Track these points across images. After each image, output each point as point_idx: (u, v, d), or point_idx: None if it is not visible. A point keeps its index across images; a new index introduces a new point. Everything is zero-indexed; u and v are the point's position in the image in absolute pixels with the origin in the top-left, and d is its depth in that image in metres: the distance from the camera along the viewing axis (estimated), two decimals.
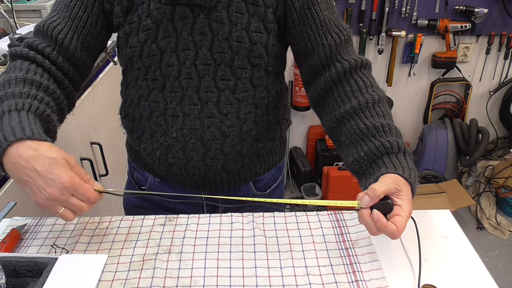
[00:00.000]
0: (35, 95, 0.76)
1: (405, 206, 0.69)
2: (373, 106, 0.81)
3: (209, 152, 0.91)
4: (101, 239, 0.84)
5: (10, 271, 0.75)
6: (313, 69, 0.89)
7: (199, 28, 0.82)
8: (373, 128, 0.78)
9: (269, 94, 0.94)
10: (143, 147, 0.98)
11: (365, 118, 0.80)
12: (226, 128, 0.90)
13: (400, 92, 2.69)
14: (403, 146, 0.76)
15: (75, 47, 0.86)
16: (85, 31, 0.87)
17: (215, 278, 0.74)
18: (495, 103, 2.75)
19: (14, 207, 0.95)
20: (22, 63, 0.82)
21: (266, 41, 0.86)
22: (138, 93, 0.92)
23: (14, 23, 1.67)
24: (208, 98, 0.88)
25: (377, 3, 2.39)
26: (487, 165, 2.69)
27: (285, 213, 0.90)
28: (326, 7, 0.86)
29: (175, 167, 0.95)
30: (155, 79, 0.88)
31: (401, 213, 0.68)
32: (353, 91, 0.83)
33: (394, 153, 0.75)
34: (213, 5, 0.81)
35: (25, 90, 0.75)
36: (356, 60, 0.85)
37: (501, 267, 2.24)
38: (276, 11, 0.85)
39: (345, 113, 0.82)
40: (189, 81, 0.86)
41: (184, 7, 0.81)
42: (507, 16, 2.42)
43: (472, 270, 0.77)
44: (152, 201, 1.06)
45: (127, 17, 0.86)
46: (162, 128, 0.92)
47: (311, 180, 2.72)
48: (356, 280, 0.73)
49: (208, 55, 0.84)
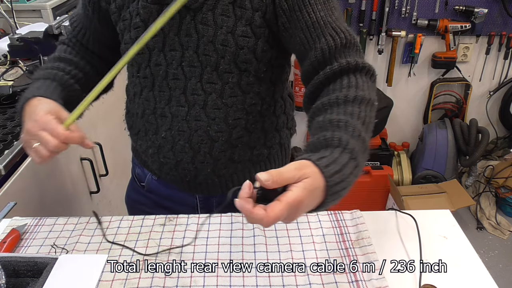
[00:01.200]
0: (64, 68, 0.92)
1: (294, 192, 0.55)
2: (344, 104, 0.73)
3: (198, 155, 0.91)
4: (101, 239, 0.84)
5: (10, 271, 0.75)
6: (306, 73, 0.83)
7: (185, 29, 0.82)
8: (328, 122, 0.70)
9: (263, 101, 0.91)
10: (139, 144, 0.99)
11: (330, 113, 0.72)
12: (214, 133, 0.88)
13: (400, 92, 2.69)
14: (346, 142, 0.65)
15: (89, 42, 0.98)
16: (92, 28, 0.95)
17: (215, 278, 0.74)
18: (495, 103, 2.75)
19: (14, 207, 0.95)
20: (61, 46, 1.00)
21: (254, 46, 0.82)
22: (134, 89, 0.94)
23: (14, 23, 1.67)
24: (195, 101, 0.87)
25: (377, 3, 2.38)
26: (487, 165, 2.69)
27: None
28: (324, 8, 0.79)
29: (166, 166, 0.95)
30: (145, 77, 0.89)
31: (281, 198, 0.55)
32: (334, 89, 0.76)
33: (332, 146, 0.65)
34: (199, 7, 0.80)
35: (56, 64, 0.93)
36: (350, 63, 0.76)
37: (501, 267, 2.24)
38: (266, 15, 0.81)
39: (316, 109, 0.76)
40: (176, 82, 0.86)
41: None
42: (507, 16, 2.42)
43: (472, 270, 0.77)
44: (151, 199, 1.06)
45: (121, 14, 0.87)
46: (153, 127, 0.92)
47: None
48: (356, 280, 0.73)
49: (194, 57, 0.83)
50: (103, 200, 1.60)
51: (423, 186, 2.48)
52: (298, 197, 0.55)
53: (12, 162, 1.11)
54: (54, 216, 0.91)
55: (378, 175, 2.44)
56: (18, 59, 1.53)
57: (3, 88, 1.30)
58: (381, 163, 2.53)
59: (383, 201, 2.50)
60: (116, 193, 1.73)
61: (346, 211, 0.89)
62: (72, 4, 2.09)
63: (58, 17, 1.55)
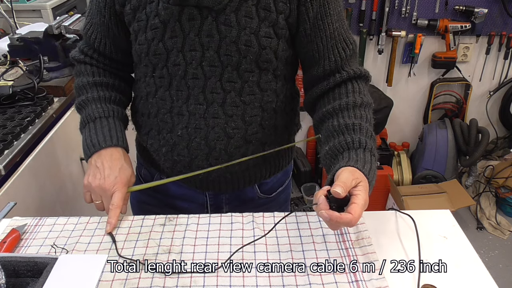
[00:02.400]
0: (110, 97, 0.97)
1: (361, 195, 0.71)
2: (353, 108, 0.85)
3: (213, 152, 0.91)
4: (101, 239, 0.84)
5: (10, 271, 0.75)
6: (314, 78, 0.91)
7: (207, 30, 0.82)
8: (344, 126, 0.83)
9: (278, 98, 0.94)
10: (150, 143, 0.99)
11: (342, 117, 0.85)
12: (230, 130, 0.90)
13: (400, 92, 2.69)
14: (365, 143, 0.81)
15: (110, 50, 0.98)
16: (111, 34, 0.95)
17: (215, 278, 0.74)
18: (495, 103, 2.75)
19: (14, 207, 0.95)
20: (85, 67, 1.00)
21: (276, 46, 0.86)
22: (146, 89, 0.94)
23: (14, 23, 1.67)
24: (213, 99, 0.88)
25: (377, 3, 2.39)
26: (487, 165, 2.69)
27: (285, 213, 0.90)
28: (338, 19, 0.86)
29: (179, 164, 0.95)
30: (162, 77, 0.89)
31: (356, 201, 0.70)
32: (340, 93, 0.88)
33: (354, 148, 0.80)
34: (222, 8, 0.81)
35: (101, 93, 0.97)
36: (355, 71, 0.89)
37: (501, 267, 2.24)
38: (289, 18, 0.84)
39: (327, 112, 0.88)
40: (195, 81, 0.87)
41: (193, 9, 0.81)
42: (507, 16, 2.42)
43: (472, 270, 0.77)
44: (157, 198, 1.06)
45: (136, 15, 0.87)
46: (168, 125, 0.93)
47: (311, 180, 2.72)
48: (356, 280, 0.73)
49: (215, 57, 0.84)
50: None
51: (423, 186, 2.48)
52: (365, 197, 0.72)
53: (12, 162, 1.11)
54: (54, 216, 0.91)
55: (378, 175, 2.41)
56: (18, 59, 1.54)
57: (3, 88, 1.30)
58: (381, 163, 2.53)
59: (383, 201, 2.50)
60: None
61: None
62: (72, 4, 2.09)
63: (58, 17, 1.55)
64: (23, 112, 1.27)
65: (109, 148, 0.90)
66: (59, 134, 1.33)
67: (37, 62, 1.42)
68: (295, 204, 2.60)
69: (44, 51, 1.45)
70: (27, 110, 1.28)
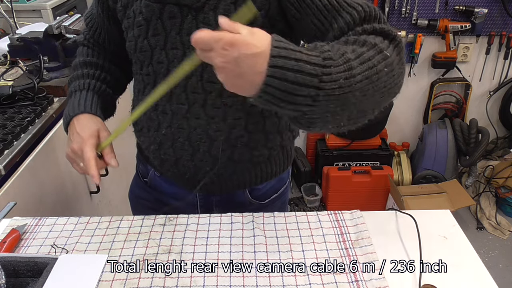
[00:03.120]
0: (93, 74, 0.99)
1: (241, 30, 0.58)
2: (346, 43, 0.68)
3: (197, 153, 0.91)
4: (101, 239, 0.84)
5: (10, 271, 0.75)
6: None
7: (187, 28, 0.82)
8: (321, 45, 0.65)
9: None
10: (142, 140, 1.00)
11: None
12: (212, 132, 0.88)
13: (400, 92, 2.69)
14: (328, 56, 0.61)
15: (104, 41, 1.02)
16: (105, 27, 0.98)
17: (215, 278, 0.74)
18: (495, 103, 2.75)
19: (14, 207, 0.95)
20: (82, 49, 1.05)
21: None
22: (137, 86, 0.95)
23: (14, 23, 1.67)
24: (195, 99, 0.87)
25: (377, 3, 2.38)
26: (487, 165, 2.69)
27: (285, 213, 0.90)
28: None
29: (167, 163, 0.95)
30: (148, 75, 0.90)
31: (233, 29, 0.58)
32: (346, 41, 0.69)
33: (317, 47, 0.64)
34: (200, 6, 0.80)
35: (85, 71, 1.00)
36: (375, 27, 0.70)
37: (501, 267, 2.24)
38: (269, 12, 0.80)
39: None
40: None
41: (173, 7, 0.81)
42: (507, 16, 2.42)
43: (472, 270, 0.77)
44: (153, 195, 1.07)
45: (126, 12, 0.88)
46: (155, 123, 0.93)
47: (311, 180, 2.72)
48: (356, 280, 0.73)
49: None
50: (103, 200, 1.61)
51: (423, 186, 2.48)
52: (242, 37, 0.57)
53: (12, 162, 1.11)
54: (54, 216, 0.91)
55: (378, 175, 2.44)
56: (18, 59, 1.54)
57: (3, 88, 1.30)
58: (381, 163, 2.53)
59: (383, 201, 2.50)
60: (116, 193, 1.73)
61: (346, 211, 0.89)
62: (72, 4, 2.10)
63: (58, 17, 1.55)
64: (23, 112, 1.28)
65: (76, 116, 0.92)
66: (59, 134, 1.33)
67: (37, 62, 1.42)
68: (295, 204, 2.60)
69: (44, 51, 1.45)
70: (27, 110, 1.28)
